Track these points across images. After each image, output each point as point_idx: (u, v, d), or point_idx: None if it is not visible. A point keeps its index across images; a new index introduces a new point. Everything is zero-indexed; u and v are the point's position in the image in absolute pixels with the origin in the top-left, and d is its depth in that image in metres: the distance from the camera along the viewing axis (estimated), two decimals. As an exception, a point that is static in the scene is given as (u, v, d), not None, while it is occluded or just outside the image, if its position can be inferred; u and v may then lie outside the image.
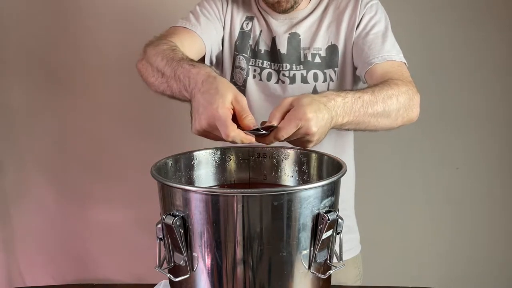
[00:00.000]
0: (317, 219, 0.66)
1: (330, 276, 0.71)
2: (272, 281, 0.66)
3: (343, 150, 1.12)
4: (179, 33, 0.99)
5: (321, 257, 0.68)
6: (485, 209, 1.71)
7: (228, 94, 0.69)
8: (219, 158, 0.88)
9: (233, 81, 1.05)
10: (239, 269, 0.65)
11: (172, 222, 0.65)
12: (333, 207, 0.69)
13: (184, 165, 0.84)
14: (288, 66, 1.02)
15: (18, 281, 1.82)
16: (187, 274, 0.67)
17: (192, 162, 0.85)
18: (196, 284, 0.68)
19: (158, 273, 0.71)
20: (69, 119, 1.69)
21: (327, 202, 0.67)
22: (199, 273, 0.67)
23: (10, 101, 1.69)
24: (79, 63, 1.64)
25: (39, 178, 1.73)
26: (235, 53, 1.05)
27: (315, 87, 1.02)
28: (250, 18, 1.06)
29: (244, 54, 1.04)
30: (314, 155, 0.85)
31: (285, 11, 1.02)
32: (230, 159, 0.88)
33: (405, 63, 0.99)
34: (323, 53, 1.02)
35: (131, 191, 1.70)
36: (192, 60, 0.82)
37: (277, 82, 1.03)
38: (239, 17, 1.07)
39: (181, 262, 0.67)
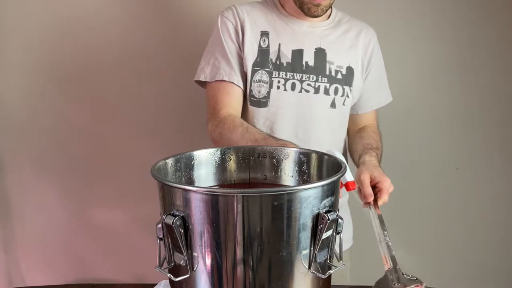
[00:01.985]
0: (317, 219, 0.66)
1: (330, 276, 0.71)
2: (272, 281, 0.66)
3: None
4: (225, 94, 1.09)
5: (321, 257, 0.68)
6: (485, 209, 1.71)
7: None
8: (219, 158, 0.88)
9: (251, 95, 1.11)
10: (239, 269, 0.65)
11: (172, 222, 0.65)
12: (333, 207, 0.69)
13: (184, 165, 0.84)
14: (314, 78, 1.10)
15: (18, 281, 1.82)
16: (187, 274, 0.67)
17: (192, 162, 0.85)
18: (196, 284, 0.68)
19: (158, 273, 0.72)
20: (69, 119, 1.69)
21: (327, 202, 0.67)
22: (199, 273, 0.67)
23: (10, 101, 1.69)
24: (80, 63, 1.64)
25: (39, 178, 1.73)
26: (255, 68, 1.10)
27: (334, 99, 1.11)
28: (265, 34, 1.10)
29: (265, 69, 1.09)
30: (314, 155, 0.85)
31: (317, 16, 1.08)
32: (230, 159, 0.88)
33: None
34: (344, 71, 1.12)
35: (131, 191, 1.70)
36: (270, 136, 1.01)
37: (300, 91, 1.10)
38: (254, 35, 1.11)
39: (181, 262, 0.67)
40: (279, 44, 1.10)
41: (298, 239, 0.65)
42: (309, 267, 0.67)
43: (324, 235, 0.66)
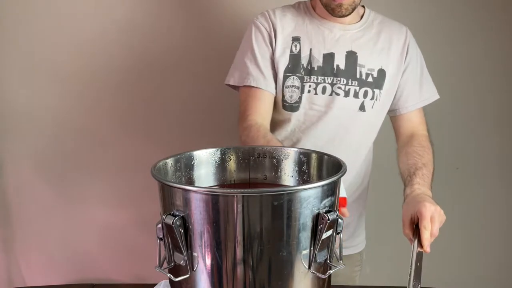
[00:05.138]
0: (317, 219, 0.66)
1: (330, 276, 0.71)
2: (272, 281, 0.66)
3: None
4: (254, 99, 1.10)
5: (321, 257, 0.68)
6: (485, 209, 1.71)
7: None
8: (219, 158, 0.88)
9: (284, 99, 1.12)
10: (239, 269, 0.65)
11: (172, 222, 0.65)
12: (333, 207, 0.69)
13: (184, 165, 0.84)
14: (345, 81, 1.10)
15: (18, 281, 1.82)
16: (187, 274, 0.67)
17: (192, 162, 0.85)
18: (196, 284, 0.68)
19: (158, 273, 0.72)
20: (69, 119, 1.69)
21: (327, 202, 0.67)
22: (199, 273, 0.67)
23: (10, 101, 1.69)
24: (80, 63, 1.64)
25: (39, 178, 1.73)
26: (287, 74, 1.11)
27: (363, 102, 1.12)
28: (297, 39, 1.11)
29: (297, 74, 1.10)
30: (314, 155, 0.85)
31: (343, 16, 1.08)
32: (230, 159, 0.88)
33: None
34: (375, 74, 1.11)
35: (131, 191, 1.70)
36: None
37: (331, 94, 1.11)
38: (286, 40, 1.12)
39: (181, 262, 0.67)
40: (310, 49, 1.11)
41: (298, 239, 0.65)
42: (309, 267, 0.67)
43: (324, 235, 0.66)
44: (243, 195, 0.62)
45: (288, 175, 0.87)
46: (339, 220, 0.69)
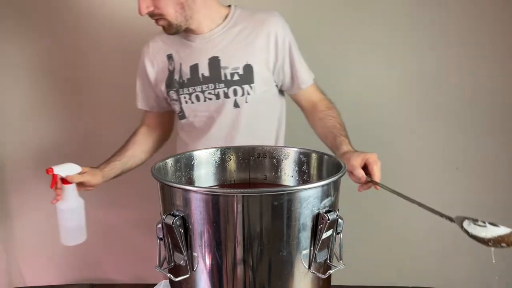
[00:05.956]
0: (317, 219, 0.66)
1: (330, 276, 0.71)
2: (272, 281, 0.66)
3: None
4: (147, 115, 1.37)
5: (321, 257, 0.68)
6: (485, 209, 1.71)
7: None
8: (219, 158, 0.88)
9: (175, 111, 1.26)
10: (239, 269, 0.65)
11: (172, 222, 0.65)
12: (333, 207, 0.69)
13: (184, 165, 0.84)
14: (213, 86, 1.18)
15: (18, 281, 1.82)
16: (187, 274, 0.67)
17: (192, 162, 0.85)
18: (196, 284, 0.68)
19: (158, 273, 0.71)
20: (69, 119, 1.69)
21: (327, 202, 0.67)
22: (199, 273, 0.67)
23: (10, 100, 1.69)
24: (80, 63, 1.64)
25: (39, 178, 1.73)
26: (167, 90, 1.23)
27: (235, 100, 1.18)
28: (171, 57, 1.22)
29: (173, 89, 1.22)
30: (314, 155, 0.85)
31: (172, 34, 1.18)
32: (230, 159, 0.88)
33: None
34: (240, 71, 1.17)
35: (131, 191, 1.70)
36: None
37: (205, 101, 1.20)
38: (162, 60, 1.23)
39: (181, 262, 0.67)
40: (180, 64, 1.20)
41: (298, 239, 0.65)
42: (309, 267, 0.67)
43: (324, 235, 0.66)
44: (243, 195, 0.62)
45: (288, 175, 0.87)
46: (339, 220, 0.69)
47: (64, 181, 1.14)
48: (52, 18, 1.62)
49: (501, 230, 0.75)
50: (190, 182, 0.85)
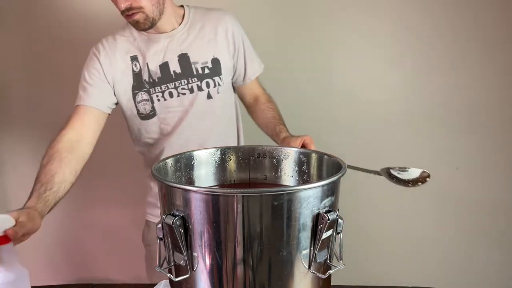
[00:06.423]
0: (317, 219, 0.66)
1: (330, 276, 0.71)
2: (272, 281, 0.66)
3: None
4: (78, 113, 1.21)
5: (321, 257, 0.68)
6: (485, 209, 1.71)
7: None
8: (219, 158, 0.88)
9: (139, 113, 1.24)
10: (239, 269, 0.65)
11: (172, 222, 0.65)
12: (333, 207, 0.69)
13: (184, 165, 0.84)
14: (186, 81, 1.22)
15: (18, 281, 1.82)
16: (187, 274, 0.67)
17: (192, 162, 0.85)
18: (196, 284, 0.68)
19: (158, 273, 0.71)
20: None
21: (327, 202, 0.67)
22: (199, 273, 0.67)
23: (10, 100, 1.69)
24: (80, 63, 1.64)
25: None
26: (135, 92, 1.22)
27: (208, 92, 1.24)
28: (135, 58, 1.22)
29: (143, 89, 1.22)
30: (314, 155, 0.85)
31: (145, 30, 1.18)
32: (230, 159, 0.88)
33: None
34: (210, 65, 1.24)
35: (131, 191, 1.70)
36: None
37: (178, 96, 1.22)
38: (125, 62, 1.21)
39: (181, 262, 0.67)
40: (147, 64, 1.21)
41: (298, 239, 0.65)
42: (309, 267, 0.67)
43: (324, 235, 0.66)
44: (243, 195, 0.62)
45: (288, 175, 0.87)
46: (339, 220, 0.69)
47: None
48: (52, 17, 1.62)
49: (417, 172, 0.91)
50: (190, 182, 0.85)
